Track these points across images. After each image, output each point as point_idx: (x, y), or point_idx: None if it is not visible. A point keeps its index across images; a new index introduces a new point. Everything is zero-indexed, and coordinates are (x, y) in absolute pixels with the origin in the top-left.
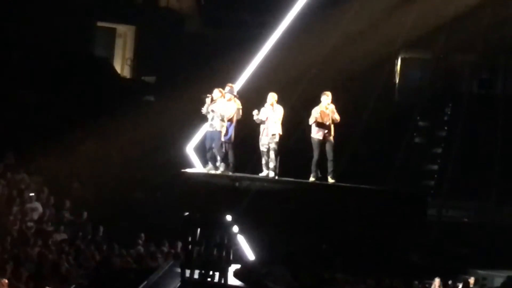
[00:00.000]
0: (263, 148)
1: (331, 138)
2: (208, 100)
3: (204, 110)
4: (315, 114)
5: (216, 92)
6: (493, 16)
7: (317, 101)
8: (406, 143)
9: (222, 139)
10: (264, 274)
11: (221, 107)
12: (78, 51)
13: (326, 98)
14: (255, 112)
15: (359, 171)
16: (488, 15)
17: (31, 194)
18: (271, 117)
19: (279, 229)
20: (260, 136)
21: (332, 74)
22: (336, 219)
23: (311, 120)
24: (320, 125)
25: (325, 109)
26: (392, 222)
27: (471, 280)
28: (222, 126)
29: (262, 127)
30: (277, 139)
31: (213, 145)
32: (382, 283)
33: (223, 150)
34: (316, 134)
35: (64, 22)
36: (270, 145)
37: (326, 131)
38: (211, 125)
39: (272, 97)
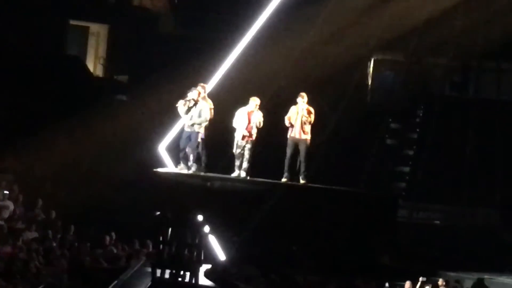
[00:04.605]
0: (239, 150)
1: (306, 139)
2: (189, 99)
3: (184, 108)
4: (290, 114)
5: (196, 93)
6: (466, 19)
7: (290, 102)
8: (378, 144)
9: (199, 139)
10: (235, 274)
11: (203, 108)
12: (50, 50)
13: (302, 99)
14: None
15: (330, 172)
16: (461, 17)
17: (6, 192)
18: (252, 122)
19: (250, 230)
20: (237, 139)
21: (304, 75)
22: (308, 220)
23: (287, 120)
24: (295, 125)
25: (301, 110)
26: (363, 224)
27: (440, 282)
28: (201, 127)
29: (239, 130)
30: (253, 141)
31: (189, 145)
32: (352, 285)
33: (198, 150)
34: (291, 133)
35: (36, 20)
36: (247, 145)
37: (301, 131)
38: (189, 125)
39: (254, 101)
